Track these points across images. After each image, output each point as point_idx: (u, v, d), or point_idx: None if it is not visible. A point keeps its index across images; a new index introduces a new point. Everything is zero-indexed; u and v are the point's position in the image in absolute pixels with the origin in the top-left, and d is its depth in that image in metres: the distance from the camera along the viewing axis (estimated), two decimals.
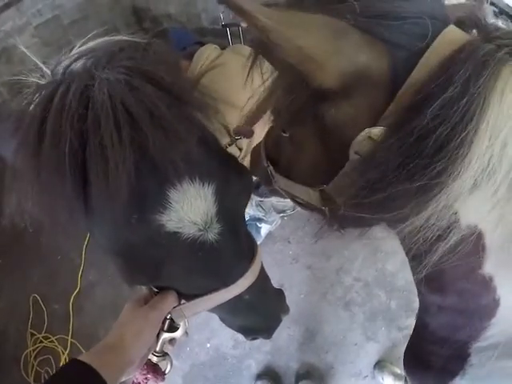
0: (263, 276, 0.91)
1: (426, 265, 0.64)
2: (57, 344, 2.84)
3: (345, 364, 2.39)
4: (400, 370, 2.23)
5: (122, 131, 0.59)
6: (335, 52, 0.56)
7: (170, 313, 0.85)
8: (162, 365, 0.91)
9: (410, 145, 0.53)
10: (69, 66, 0.72)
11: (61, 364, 2.73)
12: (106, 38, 0.82)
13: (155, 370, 0.90)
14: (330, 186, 0.73)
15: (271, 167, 0.96)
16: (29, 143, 0.62)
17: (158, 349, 0.87)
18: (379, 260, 2.68)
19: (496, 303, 0.68)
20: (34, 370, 2.80)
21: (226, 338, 2.54)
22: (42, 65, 0.81)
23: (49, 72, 0.76)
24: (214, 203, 0.72)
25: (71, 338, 2.84)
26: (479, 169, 0.51)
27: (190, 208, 0.69)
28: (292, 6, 0.59)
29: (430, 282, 0.78)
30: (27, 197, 0.70)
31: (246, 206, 0.88)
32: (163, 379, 0.91)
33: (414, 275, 0.80)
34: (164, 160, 0.63)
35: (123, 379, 0.79)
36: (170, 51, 0.77)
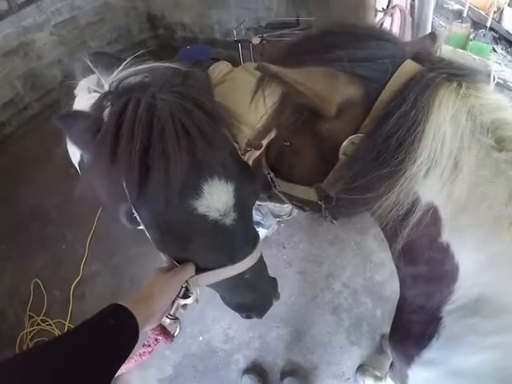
0: (262, 262, 1.13)
1: (401, 236, 0.86)
2: (54, 328, 2.93)
3: (329, 365, 2.48)
4: (381, 374, 2.33)
5: (180, 141, 0.82)
6: (332, 90, 0.82)
7: (187, 281, 1.02)
8: (172, 328, 1.07)
9: (379, 144, 0.79)
10: (126, 80, 0.97)
11: None
12: (158, 64, 1.07)
13: (165, 332, 1.07)
14: (325, 182, 0.96)
15: (272, 174, 1.19)
16: (107, 143, 0.83)
17: (171, 312, 1.04)
18: (368, 270, 2.81)
19: (456, 268, 0.85)
20: None
21: (218, 333, 2.64)
22: (98, 74, 1.11)
23: (104, 82, 1.04)
24: (233, 197, 0.94)
25: (69, 323, 2.93)
26: (428, 157, 0.75)
27: (216, 198, 0.90)
28: (300, 64, 0.86)
29: (404, 256, 0.99)
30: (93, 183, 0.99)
31: (254, 203, 1.11)
32: (172, 341, 1.08)
33: (391, 249, 1.01)
34: (205, 162, 0.87)
35: (145, 328, 0.96)
36: (206, 79, 1.01)
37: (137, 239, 3.13)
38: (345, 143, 0.86)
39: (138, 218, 1.00)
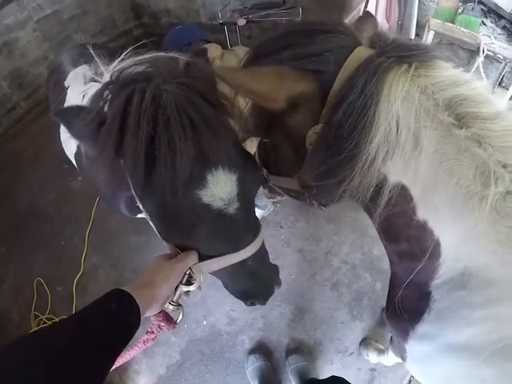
0: (263, 249, 1.14)
1: (377, 214, 0.89)
2: None
3: (332, 341, 2.52)
4: (383, 347, 2.37)
5: (186, 131, 0.82)
6: (277, 87, 0.87)
7: (190, 268, 1.04)
8: (175, 314, 1.09)
9: (334, 131, 0.84)
10: (127, 70, 0.98)
11: None
12: (160, 54, 1.07)
13: (168, 318, 1.09)
14: (301, 172, 1.03)
15: (264, 170, 1.26)
16: (112, 134, 0.84)
17: (174, 299, 1.06)
18: (366, 244, 2.84)
19: (437, 243, 0.86)
20: None
21: (221, 316, 2.68)
22: (100, 64, 1.12)
23: (105, 71, 1.08)
24: (236, 187, 0.95)
25: None
26: (384, 139, 0.80)
27: (220, 188, 0.91)
28: (251, 62, 0.96)
29: (387, 234, 1.03)
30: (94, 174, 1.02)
31: (256, 192, 1.12)
32: (174, 327, 1.10)
33: (375, 226, 1.04)
34: (209, 152, 0.87)
35: (147, 314, 0.98)
36: (209, 69, 0.99)
37: (135, 229, 3.18)
38: (309, 134, 0.93)
39: (140, 207, 1.00)
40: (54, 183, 3.81)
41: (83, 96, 1.40)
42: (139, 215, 2.10)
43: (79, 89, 1.52)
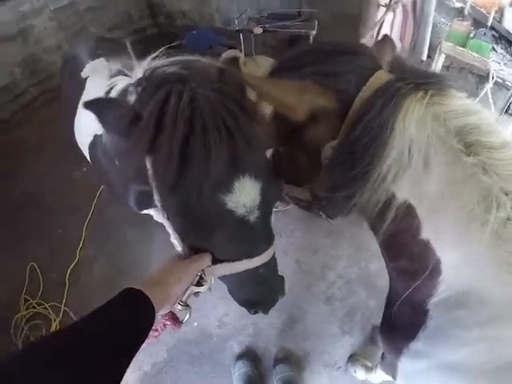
0: (274, 259, 1.16)
1: (382, 230, 0.93)
2: (50, 311, 2.93)
3: (321, 354, 2.52)
4: (371, 364, 2.37)
5: (222, 135, 0.85)
6: (301, 100, 0.92)
7: (202, 270, 1.05)
8: (182, 314, 1.09)
9: (349, 147, 0.89)
10: (161, 69, 1.02)
11: (50, 331, 2.81)
12: (193, 58, 1.10)
13: (174, 318, 1.10)
14: (314, 183, 1.05)
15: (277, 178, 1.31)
16: (149, 130, 0.86)
17: (183, 299, 1.06)
18: (363, 259, 2.85)
19: (438, 262, 0.89)
20: (24, 333, 2.87)
21: (213, 319, 2.67)
22: (135, 61, 1.13)
23: (137, 67, 1.10)
24: (259, 196, 0.98)
25: (64, 306, 2.94)
26: (396, 160, 0.84)
27: (245, 195, 0.94)
28: (277, 74, 1.03)
29: (389, 251, 1.07)
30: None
31: (275, 203, 1.15)
32: (180, 327, 1.11)
33: (378, 242, 1.07)
34: (241, 159, 0.90)
35: (159, 313, 0.97)
36: (240, 76, 1.00)
37: (134, 224, 3.18)
38: (325, 147, 0.98)
39: (158, 204, 1.02)
40: (56, 172, 3.80)
41: (110, 88, 1.40)
42: (144, 211, 2.11)
43: (102, 81, 1.52)
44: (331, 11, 3.22)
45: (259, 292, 1.18)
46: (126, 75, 1.23)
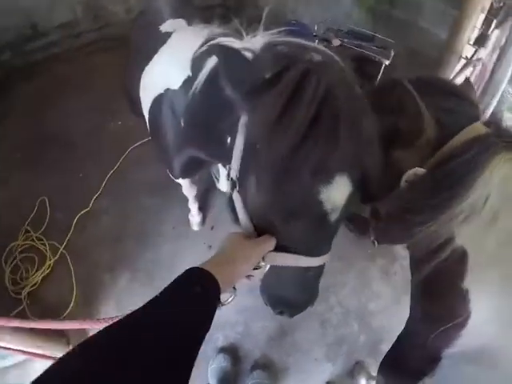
0: (323, 267, 1.12)
1: (428, 266, 0.96)
2: (47, 248, 2.92)
3: (299, 372, 2.49)
4: None
5: (351, 128, 0.85)
6: (422, 123, 1.00)
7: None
8: (225, 296, 1.00)
9: (437, 180, 0.94)
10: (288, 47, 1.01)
11: (43, 268, 2.82)
12: (320, 47, 1.07)
13: None
14: (383, 201, 1.10)
15: None
16: (283, 97, 0.83)
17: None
18: (365, 296, 2.81)
19: (468, 315, 0.91)
20: (15, 262, 2.87)
21: None
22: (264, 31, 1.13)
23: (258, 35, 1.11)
24: (345, 200, 0.96)
25: (63, 249, 2.93)
26: (470, 206, 0.88)
27: (339, 192, 0.92)
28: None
29: (424, 289, 1.08)
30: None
31: (349, 213, 1.11)
32: (219, 308, 1.04)
33: (412, 279, 1.11)
34: (354, 158, 0.89)
35: (226, 292, 0.94)
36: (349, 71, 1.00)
37: (153, 191, 3.16)
38: (409, 172, 1.01)
39: (234, 174, 1.02)
40: (91, 118, 3.78)
41: (207, 49, 1.37)
42: (180, 179, 2.10)
43: (194, 40, 1.50)
44: (408, 46, 3.21)
45: (296, 294, 1.13)
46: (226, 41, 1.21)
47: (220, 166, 2.44)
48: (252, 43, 1.08)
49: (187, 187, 2.48)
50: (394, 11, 3.50)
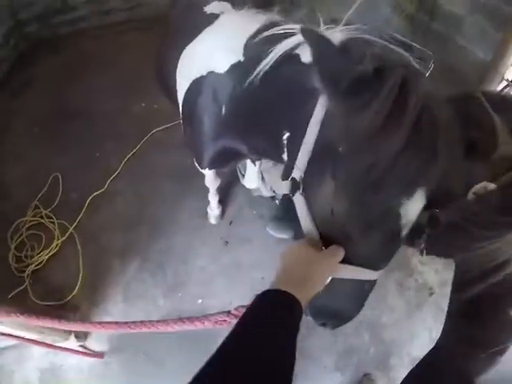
0: (375, 283, 1.06)
1: (475, 287, 0.94)
2: (55, 227, 2.85)
3: (307, 379, 2.43)
4: None
5: (447, 138, 0.81)
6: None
7: None
8: None
9: (503, 198, 0.91)
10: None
11: (50, 248, 2.75)
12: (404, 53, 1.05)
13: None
14: (445, 209, 1.04)
15: None
16: (391, 97, 0.76)
17: None
18: (378, 308, 2.74)
19: (508, 345, 0.87)
20: (21, 238, 2.80)
21: (218, 303, 2.54)
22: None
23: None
24: (416, 216, 0.90)
25: (73, 229, 2.85)
26: None
27: (412, 209, 0.86)
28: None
29: (466, 312, 1.05)
30: None
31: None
32: None
33: (454, 294, 1.10)
34: (439, 176, 0.84)
35: None
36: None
37: (172, 177, 3.09)
38: (479, 186, 0.99)
39: (297, 174, 0.98)
40: (115, 96, 3.71)
41: (268, 35, 1.27)
42: (207, 170, 2.01)
43: (248, 23, 1.43)
44: (443, 61, 3.15)
45: (346, 306, 1.08)
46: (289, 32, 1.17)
47: (248, 161, 2.36)
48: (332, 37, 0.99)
49: (211, 179, 2.40)
50: (434, 24, 3.43)
